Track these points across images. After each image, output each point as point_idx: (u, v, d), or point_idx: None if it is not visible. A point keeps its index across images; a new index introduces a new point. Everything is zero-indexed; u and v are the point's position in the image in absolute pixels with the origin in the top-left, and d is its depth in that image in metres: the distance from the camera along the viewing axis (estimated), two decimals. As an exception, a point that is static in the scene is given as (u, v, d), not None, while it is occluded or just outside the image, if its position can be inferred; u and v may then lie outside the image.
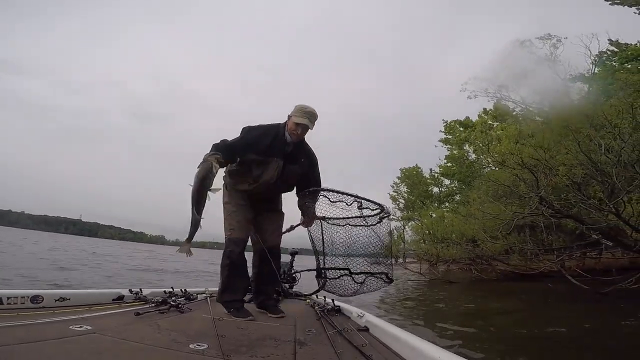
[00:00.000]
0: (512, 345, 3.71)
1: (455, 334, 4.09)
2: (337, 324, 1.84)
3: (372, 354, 1.36)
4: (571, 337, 4.01)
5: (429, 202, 27.40)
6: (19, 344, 1.16)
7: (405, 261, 23.42)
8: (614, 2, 10.99)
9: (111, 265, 12.30)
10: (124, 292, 2.30)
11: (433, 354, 1.15)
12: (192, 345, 1.35)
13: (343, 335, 1.66)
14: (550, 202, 6.69)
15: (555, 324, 4.50)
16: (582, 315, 5.41)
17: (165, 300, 2.16)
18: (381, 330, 1.71)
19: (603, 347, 3.55)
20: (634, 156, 6.22)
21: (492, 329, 4.41)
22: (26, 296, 1.80)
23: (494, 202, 8.90)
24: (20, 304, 1.76)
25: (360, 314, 2.10)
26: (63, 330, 1.37)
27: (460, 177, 23.61)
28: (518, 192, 6.94)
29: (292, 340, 1.59)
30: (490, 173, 9.46)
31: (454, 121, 25.72)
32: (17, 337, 1.23)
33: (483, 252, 11.00)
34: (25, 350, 1.13)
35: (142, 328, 1.57)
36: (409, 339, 1.41)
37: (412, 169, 29.73)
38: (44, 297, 1.86)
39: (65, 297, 1.95)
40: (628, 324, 4.49)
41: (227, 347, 1.36)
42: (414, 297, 8.64)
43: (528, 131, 8.00)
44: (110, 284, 7.24)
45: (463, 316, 5.78)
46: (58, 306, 1.89)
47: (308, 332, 1.78)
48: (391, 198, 31.51)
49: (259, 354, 1.34)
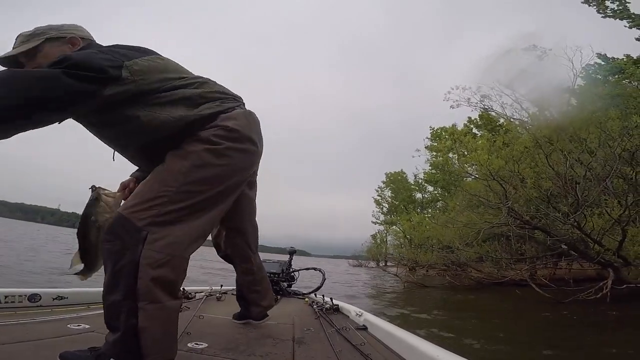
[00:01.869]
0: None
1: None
2: (335, 323, 1.83)
3: (371, 352, 1.34)
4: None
5: (412, 208, 27.74)
6: (17, 343, 1.16)
7: (387, 264, 23.68)
8: (606, 15, 11.27)
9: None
10: None
11: (432, 353, 1.13)
12: (191, 344, 1.34)
13: (342, 334, 1.65)
14: (520, 213, 6.82)
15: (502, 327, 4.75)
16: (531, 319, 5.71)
17: None
18: (380, 329, 1.70)
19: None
20: (606, 171, 6.42)
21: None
22: (24, 295, 1.79)
23: (468, 211, 9.05)
24: (18, 303, 1.75)
25: (359, 312, 2.08)
26: (61, 329, 1.37)
27: (443, 184, 23.97)
28: (489, 203, 7.06)
29: (290, 339, 1.59)
30: (466, 183, 9.61)
31: (440, 128, 26.13)
32: (14, 336, 1.23)
33: (457, 259, 11.20)
34: (23, 350, 1.12)
35: None
36: (407, 337, 1.39)
37: (397, 173, 30.06)
38: (42, 296, 1.85)
39: (63, 296, 1.95)
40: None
41: (225, 346, 1.37)
42: (387, 297, 8.89)
43: (500, 143, 8.16)
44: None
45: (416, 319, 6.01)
46: (56, 305, 1.89)
47: (306, 330, 1.77)
48: (375, 202, 31.82)
49: (257, 353, 1.34)
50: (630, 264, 7.02)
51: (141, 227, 0.97)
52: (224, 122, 1.12)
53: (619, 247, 6.40)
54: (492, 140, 9.03)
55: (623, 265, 7.04)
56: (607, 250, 6.50)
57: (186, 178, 1.05)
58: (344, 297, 3.47)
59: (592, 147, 6.09)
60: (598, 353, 3.85)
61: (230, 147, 1.11)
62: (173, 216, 1.02)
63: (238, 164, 1.16)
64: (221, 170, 1.11)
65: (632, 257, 6.94)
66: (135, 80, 0.99)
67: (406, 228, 17.12)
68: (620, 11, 10.84)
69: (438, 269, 14.49)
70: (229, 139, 1.11)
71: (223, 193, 1.13)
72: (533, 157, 6.94)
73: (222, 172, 1.11)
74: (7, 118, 0.81)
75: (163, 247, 0.98)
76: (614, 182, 6.81)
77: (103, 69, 0.92)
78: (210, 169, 1.08)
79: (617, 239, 6.30)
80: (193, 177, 1.06)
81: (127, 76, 0.97)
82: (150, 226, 0.98)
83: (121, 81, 0.96)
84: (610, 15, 11.48)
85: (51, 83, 0.86)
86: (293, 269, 3.52)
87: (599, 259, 6.71)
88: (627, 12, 10.71)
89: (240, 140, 1.15)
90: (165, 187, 1.03)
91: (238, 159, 1.15)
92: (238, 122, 1.15)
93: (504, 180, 6.96)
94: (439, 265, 13.90)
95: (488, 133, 17.44)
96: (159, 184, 1.04)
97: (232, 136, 1.12)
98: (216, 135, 1.10)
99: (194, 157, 1.07)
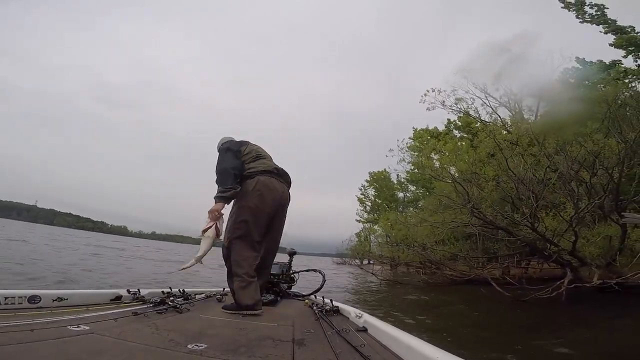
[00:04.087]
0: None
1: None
2: (335, 324, 1.84)
3: (371, 354, 1.36)
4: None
5: (394, 207, 28.12)
6: (17, 344, 1.15)
7: (370, 263, 23.92)
8: (584, 20, 11.57)
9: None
10: (122, 292, 2.31)
11: (432, 355, 1.14)
12: (191, 345, 1.36)
13: (341, 335, 1.66)
14: (483, 213, 7.04)
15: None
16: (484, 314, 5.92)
17: (163, 300, 2.19)
18: (380, 331, 1.71)
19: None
20: (570, 175, 6.69)
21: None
22: (24, 296, 1.79)
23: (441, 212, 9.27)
24: (18, 304, 1.75)
25: (359, 314, 2.10)
26: (61, 331, 1.37)
27: (423, 183, 24.36)
28: (452, 204, 7.25)
29: (290, 341, 1.60)
30: (437, 184, 9.85)
31: (423, 130, 26.51)
32: (14, 337, 1.22)
33: (430, 256, 11.47)
34: (23, 351, 1.12)
35: (141, 328, 1.58)
36: (407, 339, 1.40)
37: (380, 173, 30.37)
38: (42, 297, 1.85)
39: (63, 297, 1.96)
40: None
41: (225, 348, 1.38)
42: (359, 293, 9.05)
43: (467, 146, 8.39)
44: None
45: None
46: (56, 306, 1.89)
47: (306, 332, 1.78)
48: (359, 200, 32.08)
49: (257, 354, 1.34)
50: (586, 263, 7.36)
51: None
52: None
53: (573, 247, 6.69)
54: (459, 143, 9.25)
55: (580, 265, 7.37)
56: (563, 250, 6.79)
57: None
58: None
59: (549, 152, 6.34)
60: (545, 352, 3.94)
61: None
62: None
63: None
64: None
65: (587, 257, 7.28)
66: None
67: (384, 226, 17.37)
68: (598, 16, 11.18)
69: (415, 267, 14.83)
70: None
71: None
72: (498, 160, 7.17)
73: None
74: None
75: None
76: (571, 186, 7.13)
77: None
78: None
79: (571, 240, 6.59)
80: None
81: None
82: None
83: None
84: (588, 20, 11.86)
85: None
86: (293, 270, 3.58)
87: (556, 258, 7.02)
88: (604, 18, 11.06)
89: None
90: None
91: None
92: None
93: (470, 181, 7.17)
94: (415, 263, 14.23)
95: (468, 135, 17.85)
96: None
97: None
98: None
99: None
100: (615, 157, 5.78)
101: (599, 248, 7.42)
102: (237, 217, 2.44)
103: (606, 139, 6.07)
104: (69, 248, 16.95)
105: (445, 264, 12.01)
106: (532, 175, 6.27)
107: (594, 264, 7.29)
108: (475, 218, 6.86)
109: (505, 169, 6.26)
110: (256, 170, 2.51)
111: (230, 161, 2.47)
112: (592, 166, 6.49)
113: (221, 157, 2.53)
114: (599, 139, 6.03)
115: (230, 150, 2.54)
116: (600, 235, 7.38)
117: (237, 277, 2.31)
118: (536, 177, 6.45)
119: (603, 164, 5.85)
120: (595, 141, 6.41)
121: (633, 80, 10.20)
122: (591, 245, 7.36)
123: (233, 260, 2.37)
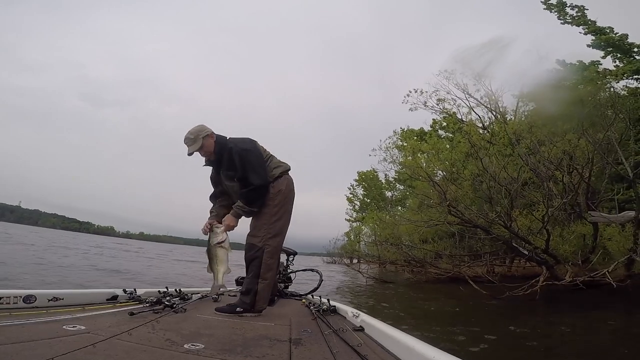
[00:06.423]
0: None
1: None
2: (332, 324, 1.84)
3: (368, 353, 1.35)
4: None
5: (383, 205, 28.23)
6: (12, 344, 1.15)
7: (359, 262, 23.99)
8: (565, 21, 11.74)
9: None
10: (118, 292, 2.30)
11: (428, 354, 1.14)
12: (187, 345, 1.35)
13: (338, 335, 1.65)
14: (460, 212, 7.11)
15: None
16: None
17: (159, 300, 2.17)
18: (376, 330, 1.70)
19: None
20: (549, 174, 6.78)
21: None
22: (19, 296, 1.78)
23: (423, 210, 9.35)
24: (13, 304, 1.74)
25: (356, 313, 2.09)
26: (56, 330, 1.36)
27: (410, 182, 24.52)
28: (430, 202, 7.30)
29: (287, 340, 1.59)
30: (418, 183, 9.94)
31: (409, 130, 26.69)
32: (9, 337, 1.22)
33: (414, 255, 11.57)
34: (18, 350, 1.11)
35: (137, 328, 1.56)
36: (404, 338, 1.39)
37: (369, 172, 30.43)
38: (37, 297, 1.84)
39: (59, 297, 1.95)
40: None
41: (222, 347, 1.38)
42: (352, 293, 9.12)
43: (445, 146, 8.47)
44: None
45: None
46: (51, 306, 1.87)
47: (303, 331, 1.78)
48: (348, 200, 32.12)
49: (254, 354, 1.34)
50: (560, 262, 7.50)
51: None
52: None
53: (546, 246, 6.81)
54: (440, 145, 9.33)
55: (555, 263, 7.51)
56: (537, 249, 6.90)
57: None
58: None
59: (523, 151, 6.43)
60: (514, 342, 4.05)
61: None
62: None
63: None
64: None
65: (560, 256, 7.42)
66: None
67: (371, 225, 17.47)
68: (578, 17, 11.38)
69: (400, 265, 14.96)
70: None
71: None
72: (475, 159, 7.24)
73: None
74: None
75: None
76: (548, 184, 7.26)
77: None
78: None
79: (544, 238, 6.71)
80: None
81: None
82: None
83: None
84: (569, 21, 12.07)
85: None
86: (290, 270, 3.58)
87: (532, 256, 7.14)
88: (584, 19, 11.27)
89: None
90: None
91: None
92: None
93: (449, 180, 7.22)
94: (400, 261, 14.37)
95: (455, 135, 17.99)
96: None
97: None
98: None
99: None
100: (585, 157, 5.89)
101: (572, 246, 7.58)
102: (276, 219, 2.33)
103: (578, 140, 6.20)
104: (78, 249, 16.93)
105: (429, 262, 12.16)
106: (506, 174, 6.34)
107: (569, 262, 7.45)
108: (452, 216, 6.92)
109: (481, 168, 6.32)
110: (284, 170, 2.42)
111: (264, 177, 2.28)
112: (568, 165, 6.62)
113: (257, 165, 2.29)
114: (570, 139, 6.14)
115: (261, 159, 2.35)
116: (573, 233, 7.54)
117: (264, 280, 2.24)
118: (510, 176, 6.53)
119: (573, 164, 5.96)
120: (569, 141, 6.54)
121: (611, 80, 10.42)
122: (565, 244, 7.50)
123: (266, 263, 2.26)
